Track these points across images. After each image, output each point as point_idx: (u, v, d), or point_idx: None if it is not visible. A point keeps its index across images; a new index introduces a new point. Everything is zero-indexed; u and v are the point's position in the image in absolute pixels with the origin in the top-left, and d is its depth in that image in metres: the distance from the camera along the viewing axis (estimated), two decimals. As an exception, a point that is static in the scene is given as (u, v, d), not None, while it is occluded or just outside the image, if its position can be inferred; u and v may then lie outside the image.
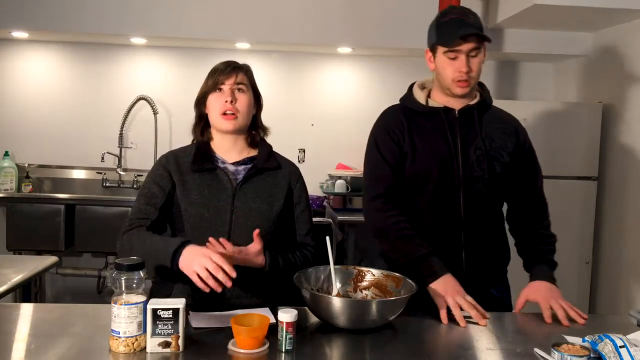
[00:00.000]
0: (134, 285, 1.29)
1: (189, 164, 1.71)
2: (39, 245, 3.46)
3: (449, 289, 1.63)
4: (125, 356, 1.27)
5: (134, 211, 1.68)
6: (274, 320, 1.39)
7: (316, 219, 2.05)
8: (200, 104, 1.74)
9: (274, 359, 1.30)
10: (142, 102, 3.93)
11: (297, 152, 4.09)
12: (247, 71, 1.75)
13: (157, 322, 1.28)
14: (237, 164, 1.74)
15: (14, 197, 3.56)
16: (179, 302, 1.30)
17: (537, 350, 1.38)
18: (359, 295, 1.65)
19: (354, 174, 3.79)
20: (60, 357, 1.25)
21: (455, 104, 1.82)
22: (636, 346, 1.28)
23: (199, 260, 1.44)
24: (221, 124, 1.70)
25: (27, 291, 2.79)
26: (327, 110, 4.12)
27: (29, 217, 3.43)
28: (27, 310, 1.59)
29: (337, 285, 1.62)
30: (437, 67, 1.80)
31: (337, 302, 1.43)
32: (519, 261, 1.88)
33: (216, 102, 1.69)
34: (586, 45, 3.72)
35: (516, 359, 1.35)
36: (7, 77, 3.96)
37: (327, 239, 1.59)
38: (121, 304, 1.27)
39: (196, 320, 1.48)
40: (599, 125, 3.47)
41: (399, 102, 1.92)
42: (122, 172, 3.98)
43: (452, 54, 1.73)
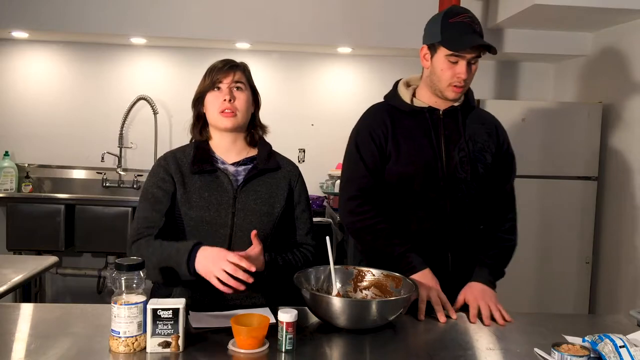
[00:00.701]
0: (134, 285, 1.29)
1: (188, 165, 1.69)
2: (39, 245, 3.46)
3: (423, 283, 1.65)
4: (125, 356, 1.27)
5: (140, 219, 1.65)
6: (274, 320, 1.39)
7: (316, 219, 2.05)
8: (198, 103, 1.72)
9: (274, 359, 1.30)
10: (142, 102, 3.93)
11: (297, 152, 4.08)
12: (244, 69, 1.73)
13: (157, 322, 1.28)
14: (237, 164, 1.72)
15: (14, 197, 3.55)
16: (179, 302, 1.30)
17: (537, 350, 1.38)
18: (359, 295, 1.65)
19: (354, 174, 3.78)
20: (60, 357, 1.25)
21: (440, 104, 1.82)
22: (636, 346, 1.28)
23: (217, 264, 1.45)
24: (220, 121, 1.67)
25: (27, 291, 2.79)
26: (327, 110, 4.12)
27: (29, 217, 3.43)
28: (27, 310, 1.58)
29: (337, 285, 1.62)
30: (434, 67, 1.77)
31: (337, 302, 1.43)
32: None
33: (214, 101, 1.67)
34: (586, 45, 3.71)
35: (516, 359, 1.36)
36: (7, 77, 3.95)
37: (327, 239, 1.59)
38: (121, 304, 1.27)
39: (196, 320, 1.48)
40: (599, 125, 3.46)
41: (383, 99, 1.91)
42: (122, 172, 3.98)
43: (455, 58, 1.72)
